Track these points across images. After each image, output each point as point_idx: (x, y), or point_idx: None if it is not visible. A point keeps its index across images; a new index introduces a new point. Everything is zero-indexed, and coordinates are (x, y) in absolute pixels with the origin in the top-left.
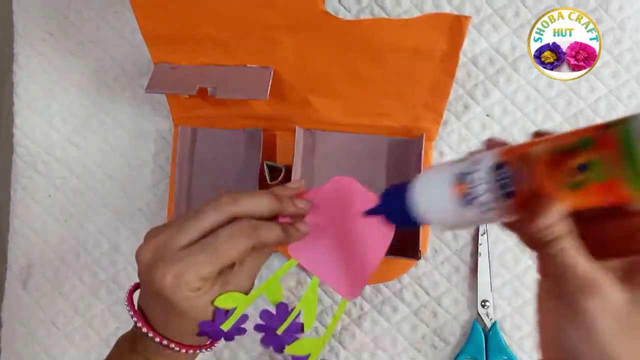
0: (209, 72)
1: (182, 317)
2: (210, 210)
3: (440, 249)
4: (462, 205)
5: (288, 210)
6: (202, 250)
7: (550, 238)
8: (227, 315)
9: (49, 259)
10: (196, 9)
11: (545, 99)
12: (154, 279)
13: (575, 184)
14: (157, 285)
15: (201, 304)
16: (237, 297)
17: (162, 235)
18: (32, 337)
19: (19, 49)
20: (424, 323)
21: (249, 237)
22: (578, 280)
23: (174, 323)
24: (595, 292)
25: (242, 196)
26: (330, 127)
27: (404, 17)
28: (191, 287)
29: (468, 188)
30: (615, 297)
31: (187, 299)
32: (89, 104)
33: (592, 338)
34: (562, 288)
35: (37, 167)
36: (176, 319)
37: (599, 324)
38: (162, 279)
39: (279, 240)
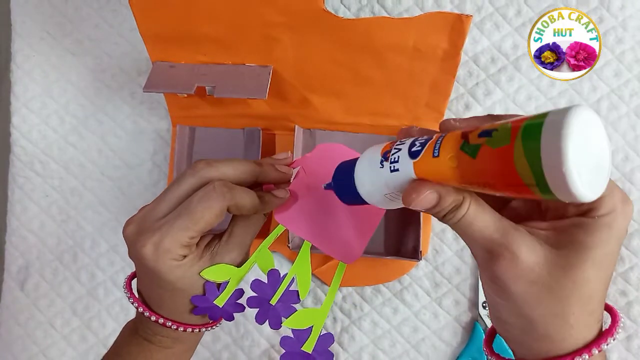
0: (207, 71)
1: (173, 291)
2: (187, 177)
3: (441, 249)
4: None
5: (269, 175)
6: (179, 216)
7: (443, 214)
8: (220, 290)
9: (46, 259)
10: (195, 7)
11: (547, 98)
12: (137, 252)
13: (470, 147)
14: (140, 257)
15: (189, 276)
16: (227, 269)
17: (144, 209)
18: (29, 338)
19: (16, 48)
20: (425, 324)
21: (223, 197)
22: (485, 246)
23: (167, 299)
24: (503, 256)
25: (218, 161)
26: (330, 126)
27: (405, 15)
28: (173, 255)
29: (391, 152)
30: (528, 258)
31: (171, 268)
32: (86, 103)
33: (510, 304)
34: (476, 258)
35: (35, 167)
36: (168, 294)
37: (512, 288)
38: (143, 249)
39: (255, 205)
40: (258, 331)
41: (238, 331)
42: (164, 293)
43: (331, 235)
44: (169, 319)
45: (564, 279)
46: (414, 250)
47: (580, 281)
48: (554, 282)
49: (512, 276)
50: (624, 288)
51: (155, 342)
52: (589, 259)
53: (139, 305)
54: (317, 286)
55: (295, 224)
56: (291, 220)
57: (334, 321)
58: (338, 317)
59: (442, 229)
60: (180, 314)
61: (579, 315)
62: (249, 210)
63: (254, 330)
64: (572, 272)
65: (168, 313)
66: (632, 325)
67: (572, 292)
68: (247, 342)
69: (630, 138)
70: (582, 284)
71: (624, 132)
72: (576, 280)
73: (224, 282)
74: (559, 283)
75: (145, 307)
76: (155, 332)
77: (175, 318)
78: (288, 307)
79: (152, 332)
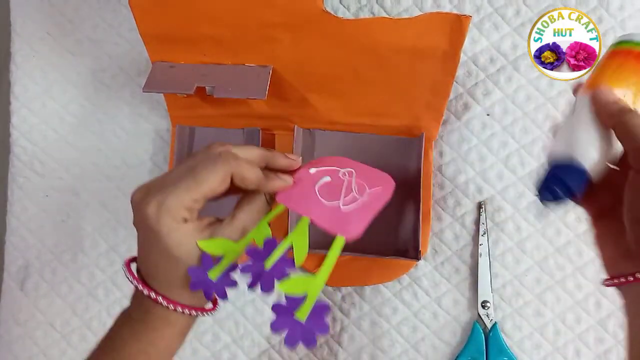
0: (207, 71)
1: (169, 259)
2: (199, 153)
3: (440, 249)
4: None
5: (278, 160)
6: (184, 178)
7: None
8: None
9: (46, 259)
10: (194, 7)
11: (546, 98)
12: (140, 212)
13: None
14: (143, 217)
15: (186, 243)
16: (223, 243)
17: (154, 178)
18: (29, 338)
19: (16, 48)
20: (424, 324)
21: (228, 164)
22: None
23: (162, 268)
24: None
25: (232, 144)
26: (329, 126)
27: (404, 15)
28: (174, 215)
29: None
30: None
31: (171, 231)
32: (86, 103)
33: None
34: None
35: (34, 167)
36: (163, 262)
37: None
38: (147, 208)
39: (259, 179)
40: (258, 331)
41: (238, 331)
42: (160, 261)
43: (332, 214)
44: (160, 294)
45: None
46: (413, 250)
47: None
48: None
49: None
50: None
51: (146, 322)
52: None
53: (134, 278)
54: None
55: (294, 203)
56: (291, 200)
57: (334, 321)
58: (337, 316)
59: (442, 228)
60: (173, 290)
61: None
62: (252, 183)
63: (254, 330)
64: None
65: (160, 287)
66: None
67: None
68: (247, 342)
69: None
70: None
71: None
72: None
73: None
74: None
75: (139, 280)
76: (147, 310)
77: (168, 294)
78: (282, 271)
79: (143, 311)
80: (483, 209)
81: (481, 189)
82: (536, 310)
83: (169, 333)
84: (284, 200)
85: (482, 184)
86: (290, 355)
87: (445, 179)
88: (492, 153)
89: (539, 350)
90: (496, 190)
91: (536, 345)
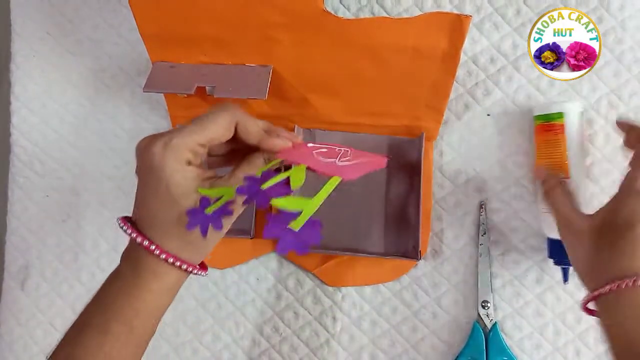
0: (207, 71)
1: (166, 202)
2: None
3: (440, 249)
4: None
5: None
6: (191, 124)
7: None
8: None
9: (46, 259)
10: (195, 7)
11: (547, 98)
12: (146, 152)
13: None
14: (147, 156)
15: (186, 185)
16: (221, 190)
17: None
18: (30, 338)
19: (16, 48)
20: (424, 324)
21: (233, 114)
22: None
23: (159, 212)
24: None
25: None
26: (329, 126)
27: (405, 15)
28: (178, 155)
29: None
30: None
31: (173, 171)
32: (86, 103)
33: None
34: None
35: (35, 167)
36: (160, 205)
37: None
38: (153, 147)
39: (260, 134)
40: (258, 331)
41: (238, 331)
42: (157, 204)
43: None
44: (153, 242)
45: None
46: (413, 250)
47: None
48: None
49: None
50: None
51: (135, 275)
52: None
53: (128, 227)
54: (316, 285)
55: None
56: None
57: (334, 321)
58: (337, 316)
59: (442, 228)
60: (166, 240)
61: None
62: (254, 137)
63: (254, 330)
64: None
65: (155, 236)
66: None
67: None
68: (247, 342)
69: None
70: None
71: None
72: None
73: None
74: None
75: (133, 229)
76: (137, 263)
77: (161, 245)
78: (278, 192)
79: (133, 265)
80: (483, 209)
81: (481, 189)
82: (536, 310)
83: (158, 288)
84: (283, 155)
85: (482, 184)
86: (290, 355)
87: (445, 179)
88: (493, 153)
89: (539, 350)
90: (496, 190)
91: (536, 345)
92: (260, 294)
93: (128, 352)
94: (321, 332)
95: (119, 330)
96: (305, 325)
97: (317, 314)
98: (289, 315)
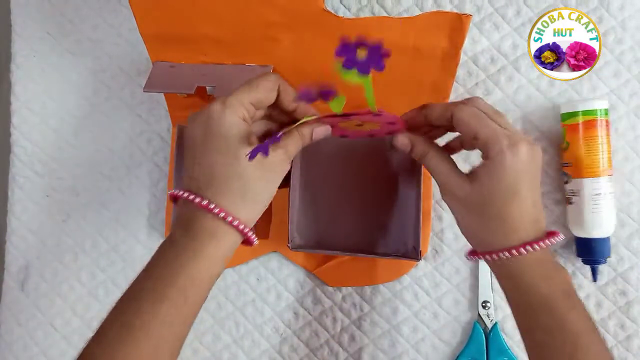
0: (207, 71)
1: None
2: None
3: (440, 249)
4: None
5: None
6: (243, 85)
7: (418, 156)
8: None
9: (47, 259)
10: (195, 7)
11: (547, 98)
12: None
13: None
14: (205, 116)
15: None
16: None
17: None
18: (30, 338)
19: (16, 48)
20: (425, 324)
21: (277, 78)
22: (439, 184)
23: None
24: (445, 188)
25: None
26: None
27: (405, 15)
28: (236, 110)
29: None
30: (460, 191)
31: (232, 124)
32: (86, 103)
33: (456, 219)
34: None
35: (35, 167)
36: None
37: (451, 208)
38: (212, 106)
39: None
40: (258, 331)
41: (238, 331)
42: (217, 158)
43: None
44: (212, 202)
45: (481, 204)
46: (413, 250)
47: (490, 204)
48: (475, 206)
49: (453, 203)
50: (624, 288)
51: (192, 239)
52: (492, 189)
53: (185, 191)
54: (316, 285)
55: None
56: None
57: (334, 321)
58: (338, 317)
59: (442, 228)
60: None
61: (496, 227)
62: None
63: (254, 330)
64: (484, 199)
65: (212, 193)
66: (632, 325)
67: (487, 211)
68: (247, 342)
69: (630, 138)
70: (491, 204)
71: (623, 132)
72: (487, 204)
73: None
74: (478, 206)
75: (191, 191)
76: (193, 227)
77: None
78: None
79: (190, 230)
80: None
81: None
82: None
83: (214, 253)
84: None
85: None
86: (290, 355)
87: None
88: None
89: None
90: None
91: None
92: (260, 294)
93: (181, 321)
94: (321, 332)
95: (175, 297)
96: (305, 326)
97: (317, 314)
98: (289, 315)
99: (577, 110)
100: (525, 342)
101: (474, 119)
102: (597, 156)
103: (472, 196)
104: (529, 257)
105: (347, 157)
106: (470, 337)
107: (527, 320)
